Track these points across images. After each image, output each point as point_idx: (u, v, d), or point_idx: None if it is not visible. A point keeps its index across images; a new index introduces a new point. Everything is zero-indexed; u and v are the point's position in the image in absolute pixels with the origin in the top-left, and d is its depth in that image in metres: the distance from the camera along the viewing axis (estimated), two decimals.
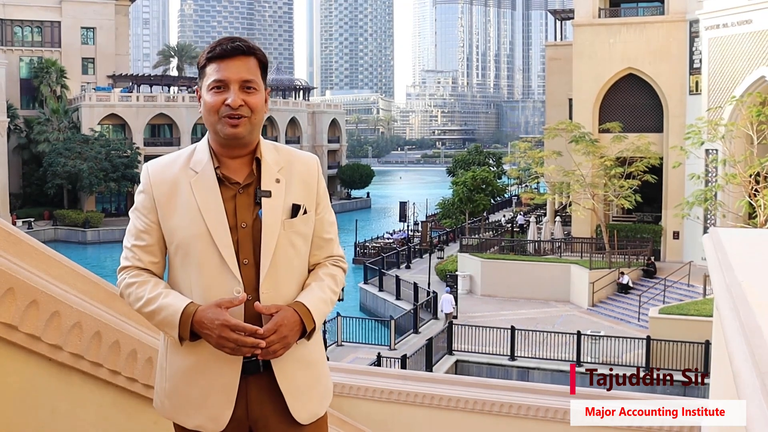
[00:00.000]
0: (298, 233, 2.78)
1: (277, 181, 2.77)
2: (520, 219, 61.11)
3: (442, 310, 33.60)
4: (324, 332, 26.34)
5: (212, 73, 2.70)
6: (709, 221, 39.09)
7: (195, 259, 2.67)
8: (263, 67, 2.78)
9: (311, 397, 2.83)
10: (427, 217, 70.26)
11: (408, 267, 47.71)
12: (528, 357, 28.48)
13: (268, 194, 2.73)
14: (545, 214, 55.26)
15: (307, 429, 2.82)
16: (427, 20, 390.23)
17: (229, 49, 2.69)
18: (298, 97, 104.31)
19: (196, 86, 2.87)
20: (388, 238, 60.78)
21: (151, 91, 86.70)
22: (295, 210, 2.77)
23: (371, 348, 28.95)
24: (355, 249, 56.09)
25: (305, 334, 2.68)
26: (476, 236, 48.36)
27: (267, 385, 2.74)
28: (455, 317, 32.80)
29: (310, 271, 2.88)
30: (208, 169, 2.73)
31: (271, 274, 2.69)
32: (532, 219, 52.84)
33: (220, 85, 2.68)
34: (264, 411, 2.76)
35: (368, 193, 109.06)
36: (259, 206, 2.72)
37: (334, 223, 2.99)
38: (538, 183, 60.64)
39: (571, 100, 48.08)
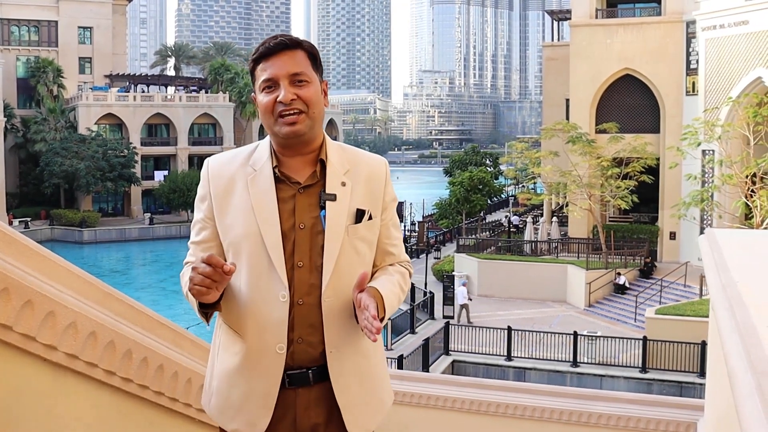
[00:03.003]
0: (363, 239, 2.69)
1: (343, 184, 2.67)
2: (514, 219, 61.15)
3: (457, 302, 33.65)
4: None
5: (261, 73, 2.61)
6: (705, 222, 39.16)
7: (245, 258, 2.60)
8: (313, 59, 2.68)
9: (366, 410, 2.75)
10: (424, 217, 70.33)
11: None
12: (524, 357, 28.49)
13: (333, 198, 2.63)
14: (542, 215, 55.30)
15: None
16: (424, 20, 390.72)
17: (272, 46, 2.60)
18: None
19: (252, 93, 2.80)
20: None
21: (148, 91, 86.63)
22: (360, 215, 2.67)
23: None
24: None
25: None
26: (473, 236, 48.41)
27: (317, 397, 2.67)
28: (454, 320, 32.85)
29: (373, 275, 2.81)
30: (266, 167, 2.65)
31: (333, 281, 2.60)
32: (529, 219, 52.87)
33: (270, 84, 2.60)
34: (312, 422, 2.68)
35: None
36: (322, 209, 2.63)
37: (399, 227, 2.90)
38: (534, 183, 60.72)
39: (568, 100, 48.10)
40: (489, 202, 65.10)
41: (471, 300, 33.95)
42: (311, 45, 2.70)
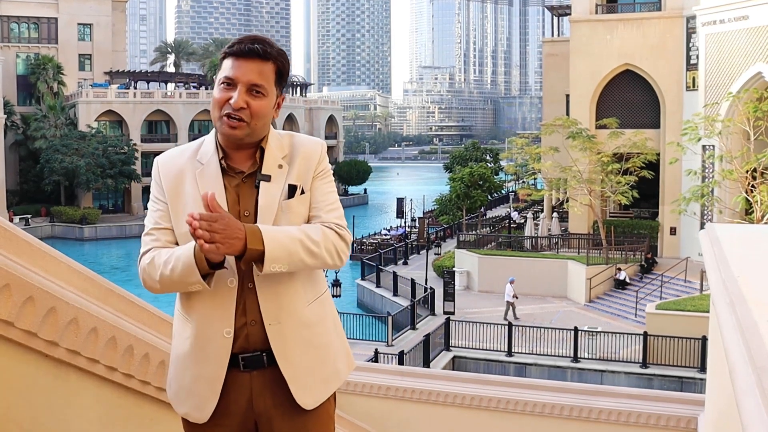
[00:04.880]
0: (298, 214, 2.75)
1: (280, 167, 2.77)
2: (515, 215, 61.13)
3: (506, 299, 33.85)
4: None
5: (226, 68, 2.70)
6: (705, 217, 39.13)
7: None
8: (280, 73, 2.76)
9: (315, 380, 2.80)
10: (424, 213, 70.28)
11: (405, 263, 47.73)
12: (525, 353, 28.54)
13: (268, 178, 2.72)
14: (542, 210, 55.29)
15: (311, 414, 2.80)
16: (424, 16, 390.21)
17: (245, 50, 2.68)
18: (295, 93, 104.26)
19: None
20: (385, 235, 60.82)
21: (148, 88, 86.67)
22: (292, 191, 2.75)
23: (368, 344, 28.96)
24: (353, 245, 56.06)
25: (245, 254, 2.52)
26: (473, 232, 48.38)
27: (271, 378, 2.73)
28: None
29: None
30: (213, 160, 2.74)
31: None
32: (529, 215, 52.85)
33: (229, 83, 2.67)
34: (267, 403, 2.74)
35: (365, 190, 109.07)
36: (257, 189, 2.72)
37: (333, 193, 2.88)
38: (535, 179, 60.71)
39: (568, 96, 48.06)
40: (489, 198, 65.08)
41: (517, 298, 33.90)
42: (284, 60, 2.77)
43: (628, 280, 37.33)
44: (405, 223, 66.90)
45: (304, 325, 2.76)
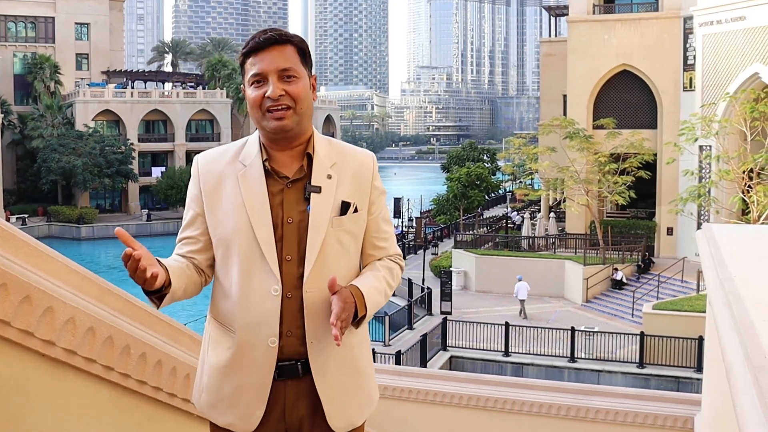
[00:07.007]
0: (348, 231, 2.70)
1: (329, 177, 2.69)
2: (512, 215, 61.12)
3: (516, 296, 33.99)
4: None
5: (250, 68, 2.63)
6: (702, 217, 39.18)
7: (236, 253, 2.62)
8: (303, 53, 2.69)
9: (349, 404, 2.75)
10: (421, 213, 70.22)
11: None
12: (522, 353, 28.54)
13: (318, 190, 2.65)
14: (539, 210, 55.30)
15: None
16: (421, 16, 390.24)
17: (262, 41, 2.62)
18: None
19: (240, 84, 2.83)
20: None
21: (145, 87, 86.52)
22: (345, 207, 2.69)
23: None
24: None
25: (355, 319, 2.58)
26: (471, 232, 48.37)
27: (306, 389, 2.69)
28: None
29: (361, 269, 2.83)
30: (256, 162, 2.67)
31: (315, 273, 2.61)
32: (526, 215, 52.86)
33: (260, 79, 2.61)
34: (300, 416, 2.70)
35: None
36: (308, 202, 2.65)
37: (390, 221, 2.91)
38: (532, 179, 60.70)
39: (565, 96, 48.09)
40: (486, 198, 65.08)
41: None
42: (301, 40, 2.71)
43: (625, 280, 37.37)
44: (402, 222, 66.83)
45: (345, 345, 2.70)
